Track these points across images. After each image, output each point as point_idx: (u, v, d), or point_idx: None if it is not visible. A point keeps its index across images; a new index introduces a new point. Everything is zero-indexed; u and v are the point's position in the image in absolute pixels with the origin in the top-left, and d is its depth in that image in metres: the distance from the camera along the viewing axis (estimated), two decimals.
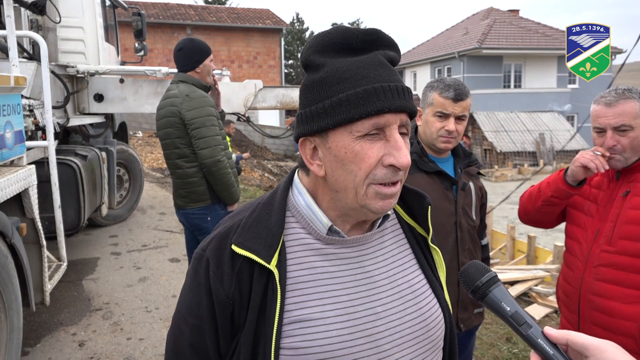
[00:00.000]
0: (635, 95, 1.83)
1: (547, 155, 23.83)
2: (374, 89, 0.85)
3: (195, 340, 0.94)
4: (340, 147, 0.87)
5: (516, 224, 12.33)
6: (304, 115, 0.92)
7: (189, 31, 22.66)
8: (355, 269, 0.96)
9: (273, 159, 16.53)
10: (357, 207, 0.91)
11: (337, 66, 0.88)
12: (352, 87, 0.86)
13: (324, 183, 0.94)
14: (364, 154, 0.86)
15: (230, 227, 0.96)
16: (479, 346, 3.93)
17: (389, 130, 0.87)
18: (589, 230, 1.96)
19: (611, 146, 1.84)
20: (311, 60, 0.91)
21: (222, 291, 0.90)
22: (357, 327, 0.92)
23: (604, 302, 1.87)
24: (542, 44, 27.26)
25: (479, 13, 32.54)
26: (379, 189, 0.88)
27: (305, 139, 0.93)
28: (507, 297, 0.83)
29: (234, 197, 3.28)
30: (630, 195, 1.86)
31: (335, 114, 0.86)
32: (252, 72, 23.17)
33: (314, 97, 0.89)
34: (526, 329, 0.79)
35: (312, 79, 0.91)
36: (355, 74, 0.87)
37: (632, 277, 1.82)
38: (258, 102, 5.87)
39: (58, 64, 5.11)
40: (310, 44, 0.92)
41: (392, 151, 0.87)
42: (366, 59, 0.88)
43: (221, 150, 3.16)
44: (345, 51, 0.89)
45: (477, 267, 0.87)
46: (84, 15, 5.51)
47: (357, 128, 0.86)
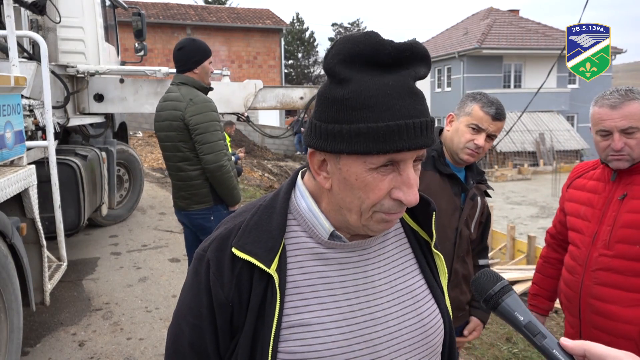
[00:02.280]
0: (638, 96, 1.81)
1: (547, 155, 23.84)
2: (398, 126, 0.81)
3: (194, 339, 0.94)
4: (351, 173, 0.85)
5: (516, 224, 12.36)
6: (319, 128, 0.87)
7: (189, 31, 22.66)
8: (355, 274, 0.95)
9: (273, 159, 16.52)
10: (359, 226, 0.91)
11: (362, 87, 0.82)
12: (375, 120, 0.81)
13: (328, 192, 0.93)
14: (374, 185, 0.85)
15: (232, 228, 0.95)
16: (479, 346, 3.93)
17: (403, 165, 0.85)
18: (586, 234, 1.96)
19: (619, 149, 1.82)
20: (336, 71, 0.84)
21: (221, 293, 0.90)
22: (355, 333, 0.91)
23: (603, 306, 1.87)
24: (542, 44, 27.27)
25: (479, 13, 32.54)
26: (385, 216, 0.88)
27: (316, 150, 0.90)
28: (521, 306, 0.80)
29: (236, 199, 3.33)
30: (627, 198, 1.86)
31: (353, 143, 0.83)
32: (252, 72, 23.16)
33: (333, 116, 0.85)
34: (541, 340, 0.77)
35: (334, 94, 0.85)
36: (381, 104, 0.82)
37: (630, 281, 1.82)
38: (258, 102, 5.87)
39: (58, 64, 5.11)
40: (337, 50, 0.85)
41: (403, 187, 0.85)
42: (395, 84, 0.83)
43: (224, 155, 3.20)
44: (374, 66, 0.83)
45: (488, 276, 0.85)
46: (84, 15, 5.50)
47: (372, 161, 0.83)
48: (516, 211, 15.86)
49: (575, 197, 2.07)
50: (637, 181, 1.86)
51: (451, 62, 28.18)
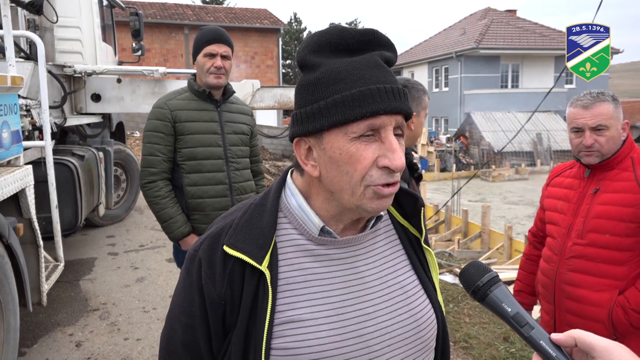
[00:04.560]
0: (609, 98, 2.00)
1: (544, 155, 23.88)
2: (370, 90, 0.85)
3: (187, 339, 0.95)
4: (335, 148, 0.87)
5: (513, 224, 12.38)
6: (298, 115, 0.91)
7: (186, 31, 22.65)
8: (346, 270, 0.96)
9: (271, 159, 16.51)
10: (353, 207, 0.91)
11: (332, 67, 0.87)
12: (348, 89, 0.85)
13: (318, 183, 0.93)
14: (359, 155, 0.86)
15: (223, 227, 0.96)
16: (477, 345, 3.93)
17: (384, 132, 0.87)
18: (562, 226, 2.13)
19: (590, 144, 2.00)
20: (307, 60, 0.90)
21: (214, 291, 0.91)
22: (347, 328, 0.92)
23: (575, 291, 2.04)
24: (539, 44, 27.34)
25: (477, 13, 32.60)
26: (378, 189, 0.88)
27: (300, 139, 0.93)
28: (509, 297, 0.81)
29: (170, 232, 2.59)
30: (599, 192, 2.04)
31: (330, 115, 0.86)
32: (249, 71, 23.17)
33: (309, 98, 0.89)
34: (528, 330, 0.77)
35: (307, 79, 0.90)
36: (351, 75, 0.86)
37: (600, 267, 1.99)
38: (256, 102, 5.87)
39: (55, 64, 5.10)
40: (306, 43, 0.91)
41: (387, 153, 0.87)
42: (362, 60, 0.88)
43: (149, 174, 2.58)
44: (341, 51, 0.89)
45: (477, 267, 0.85)
46: (81, 15, 5.50)
47: (352, 129, 0.86)
48: (513, 211, 15.89)
49: (553, 194, 2.24)
50: (608, 177, 2.03)
51: (449, 62, 28.23)
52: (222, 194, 2.65)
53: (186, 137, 2.58)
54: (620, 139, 2.04)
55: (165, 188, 2.59)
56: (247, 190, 2.75)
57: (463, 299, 4.88)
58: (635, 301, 1.91)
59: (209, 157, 2.63)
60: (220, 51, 2.59)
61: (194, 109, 2.63)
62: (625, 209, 1.95)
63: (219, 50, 2.59)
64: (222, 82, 2.63)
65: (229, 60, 2.65)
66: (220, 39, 2.60)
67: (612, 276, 1.97)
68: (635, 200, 1.94)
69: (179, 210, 2.60)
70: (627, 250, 1.95)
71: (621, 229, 1.95)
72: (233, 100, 2.82)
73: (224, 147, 2.66)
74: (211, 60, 2.58)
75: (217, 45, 2.58)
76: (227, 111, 2.73)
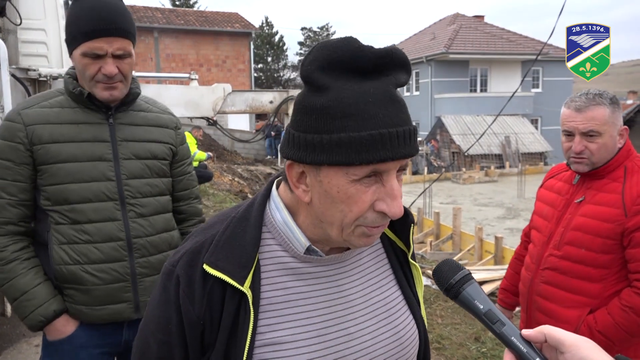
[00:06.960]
0: (606, 101, 1.81)
1: (512, 158, 24.40)
2: (380, 135, 0.78)
3: (163, 355, 0.92)
4: (333, 185, 0.82)
5: (484, 225, 12.59)
6: (297, 138, 0.83)
7: (156, 34, 22.36)
8: (330, 288, 0.94)
9: (243, 163, 16.41)
10: (340, 240, 0.88)
11: (342, 95, 0.79)
12: (356, 129, 0.78)
13: (307, 206, 0.88)
14: (357, 197, 0.81)
15: (203, 242, 0.91)
16: (449, 346, 3.98)
17: (386, 176, 0.82)
18: (544, 233, 2.00)
19: (579, 151, 1.83)
20: (314, 77, 0.80)
21: (192, 311, 0.87)
22: (328, 350, 0.90)
23: (545, 304, 1.94)
24: (506, 49, 27.95)
25: (446, 18, 33.14)
26: (367, 230, 0.85)
27: (294, 162, 0.85)
28: (481, 294, 0.82)
29: (23, 312, 1.65)
30: (583, 202, 1.89)
31: (334, 153, 0.79)
32: (221, 76, 23.01)
33: (312, 125, 0.81)
34: (500, 327, 0.78)
35: (312, 102, 0.81)
36: (362, 112, 0.78)
37: (572, 282, 1.87)
38: (227, 106, 5.84)
39: (19, 67, 4.96)
40: (314, 56, 0.81)
41: (386, 198, 0.82)
42: (375, 92, 0.80)
43: None
44: (353, 73, 0.80)
45: (450, 265, 0.85)
46: (46, 17, 5.37)
47: (355, 172, 0.80)
48: (483, 212, 16.15)
49: (543, 197, 2.11)
50: (595, 186, 1.87)
51: (419, 67, 28.60)
52: (113, 257, 1.68)
53: (52, 168, 1.63)
54: (616, 147, 1.84)
55: (13, 246, 1.64)
56: (161, 249, 1.79)
57: (435, 300, 4.94)
58: (603, 323, 1.79)
59: (91, 198, 1.66)
60: (112, 49, 1.63)
61: (67, 122, 1.67)
62: (604, 224, 1.79)
63: (109, 49, 1.62)
64: (118, 95, 1.70)
65: (128, 59, 1.70)
66: (110, 29, 1.62)
67: (584, 293, 1.84)
68: (616, 216, 1.78)
69: (38, 278, 1.65)
70: (603, 268, 1.81)
71: (597, 245, 1.80)
72: (140, 106, 1.83)
73: (117, 181, 1.69)
74: (96, 64, 1.62)
75: (105, 40, 1.61)
76: (128, 123, 1.76)
